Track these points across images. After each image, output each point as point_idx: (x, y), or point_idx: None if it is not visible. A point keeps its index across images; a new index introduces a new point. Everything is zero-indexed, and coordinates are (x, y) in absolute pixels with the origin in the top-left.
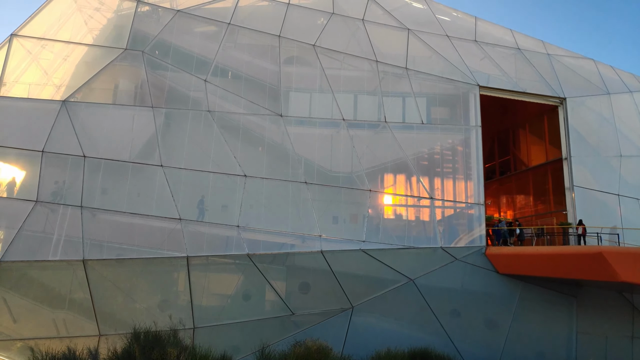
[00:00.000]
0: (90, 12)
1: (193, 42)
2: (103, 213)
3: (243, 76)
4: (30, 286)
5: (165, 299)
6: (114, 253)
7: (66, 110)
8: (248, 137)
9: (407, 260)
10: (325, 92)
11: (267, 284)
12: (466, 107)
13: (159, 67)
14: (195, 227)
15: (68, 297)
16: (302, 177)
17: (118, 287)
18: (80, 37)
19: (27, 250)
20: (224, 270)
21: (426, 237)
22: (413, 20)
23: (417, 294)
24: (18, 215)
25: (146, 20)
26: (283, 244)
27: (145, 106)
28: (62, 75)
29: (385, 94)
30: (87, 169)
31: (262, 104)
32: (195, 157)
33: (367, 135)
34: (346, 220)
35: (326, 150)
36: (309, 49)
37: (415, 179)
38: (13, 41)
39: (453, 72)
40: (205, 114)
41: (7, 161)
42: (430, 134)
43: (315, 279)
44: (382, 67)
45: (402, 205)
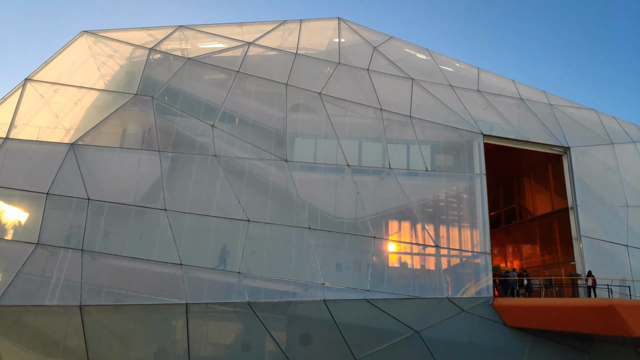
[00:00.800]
0: (104, 58)
1: (202, 88)
2: (104, 257)
3: (250, 122)
4: (24, 332)
5: (162, 348)
6: (112, 298)
7: (73, 153)
8: (253, 182)
9: (413, 311)
10: (330, 139)
11: (268, 334)
12: (470, 155)
13: (168, 112)
14: (196, 273)
15: (62, 343)
16: (305, 223)
17: (114, 335)
18: (93, 82)
19: (24, 294)
20: (223, 319)
21: (432, 287)
22: (417, 70)
23: (423, 347)
24: (18, 257)
25: (157, 67)
26: (285, 292)
27: (152, 150)
28: (72, 118)
29: (390, 141)
30: (91, 211)
31: (268, 149)
32: (200, 201)
33: (372, 181)
34: (350, 268)
35: (330, 195)
36: (315, 97)
37: (420, 226)
38: (27, 85)
39: (457, 120)
40: (211, 158)
41: (11, 203)
42: (435, 181)
43: (317, 329)
44: (386, 115)
45: (407, 253)
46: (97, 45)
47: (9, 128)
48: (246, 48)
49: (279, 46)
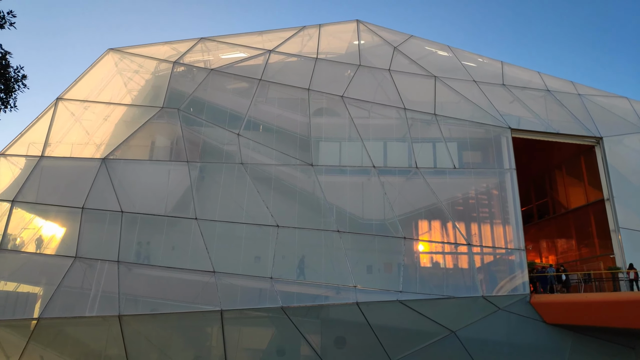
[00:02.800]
0: (130, 74)
1: (226, 98)
2: (138, 267)
3: (274, 128)
4: (66, 343)
5: (199, 355)
6: (149, 308)
7: (105, 168)
8: (280, 188)
9: (447, 311)
10: (354, 141)
11: (302, 338)
12: (499, 150)
13: (194, 123)
14: (229, 280)
15: (103, 353)
16: (334, 226)
17: (152, 343)
18: (120, 97)
19: (65, 306)
20: (257, 324)
21: (465, 286)
22: (439, 67)
23: (460, 347)
24: (58, 271)
25: (182, 80)
26: (317, 296)
27: (181, 161)
28: (102, 134)
29: (415, 140)
30: (125, 224)
31: (293, 155)
32: (229, 209)
33: (399, 181)
34: (381, 270)
35: (357, 198)
36: (338, 100)
37: (451, 224)
38: (58, 104)
39: (483, 116)
40: (238, 166)
41: (49, 218)
42: (464, 178)
43: (351, 332)
44: (410, 114)
45: (439, 252)
46: (122, 61)
47: (44, 146)
48: (267, 56)
49: (299, 52)
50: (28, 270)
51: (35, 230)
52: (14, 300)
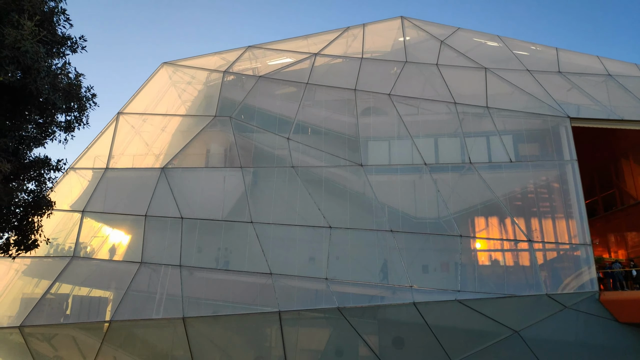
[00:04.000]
0: (183, 86)
1: (275, 103)
2: (199, 271)
3: (322, 131)
4: (136, 344)
5: (260, 355)
6: (210, 310)
7: (165, 176)
8: (331, 189)
9: (509, 310)
10: (404, 139)
11: (359, 338)
12: (558, 141)
13: (246, 129)
14: (285, 281)
15: (170, 354)
16: (387, 226)
17: (214, 344)
18: (175, 109)
19: (133, 309)
20: (314, 325)
21: (527, 284)
22: (489, 58)
23: (524, 348)
24: (125, 276)
25: (232, 88)
26: (373, 297)
27: (235, 167)
28: (160, 144)
29: (468, 135)
30: (185, 229)
31: (342, 156)
32: (282, 212)
33: (452, 178)
34: (437, 269)
35: (410, 196)
36: (385, 99)
37: (510, 220)
38: (119, 118)
39: (539, 106)
40: (289, 169)
41: (115, 226)
42: (521, 172)
43: (409, 332)
44: (461, 108)
45: (498, 250)
46: (176, 74)
47: (108, 159)
48: (313, 59)
49: (344, 53)
50: (99, 276)
51: (104, 238)
52: (87, 304)
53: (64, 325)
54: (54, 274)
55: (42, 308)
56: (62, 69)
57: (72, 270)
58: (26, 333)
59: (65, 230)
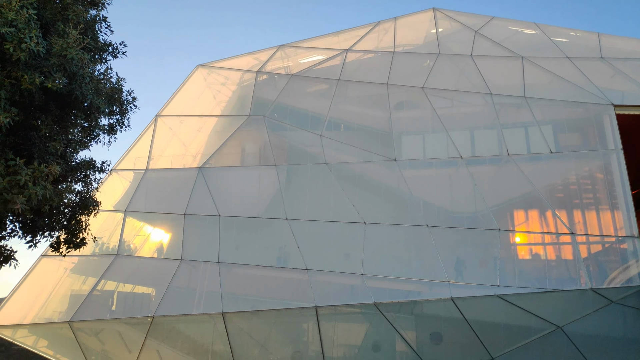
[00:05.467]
0: (218, 87)
1: (307, 101)
2: (237, 267)
3: (355, 127)
4: (178, 338)
5: (297, 350)
6: (249, 305)
7: (202, 176)
8: (365, 185)
9: (551, 305)
10: (438, 132)
11: (397, 333)
12: (601, 129)
13: (279, 128)
14: (322, 277)
15: (211, 348)
16: (422, 221)
17: (254, 339)
18: (211, 109)
19: (175, 305)
20: (351, 320)
21: (570, 278)
22: (526, 47)
23: (568, 344)
24: (167, 273)
25: (265, 88)
26: (409, 292)
27: (269, 165)
28: (197, 145)
29: (505, 126)
30: (222, 227)
31: (375, 151)
32: (316, 208)
33: (489, 171)
34: (475, 264)
35: (445, 190)
36: (418, 92)
37: (551, 213)
38: (157, 121)
39: (580, 94)
40: (322, 166)
41: (156, 225)
42: (562, 162)
43: (447, 328)
44: (497, 99)
45: (539, 243)
46: (210, 75)
47: (148, 160)
48: (344, 55)
49: (375, 48)
50: (142, 273)
51: (145, 237)
52: (131, 300)
53: (110, 320)
54: (99, 272)
55: (90, 304)
56: (105, 74)
57: (116, 268)
58: (75, 328)
59: (109, 229)
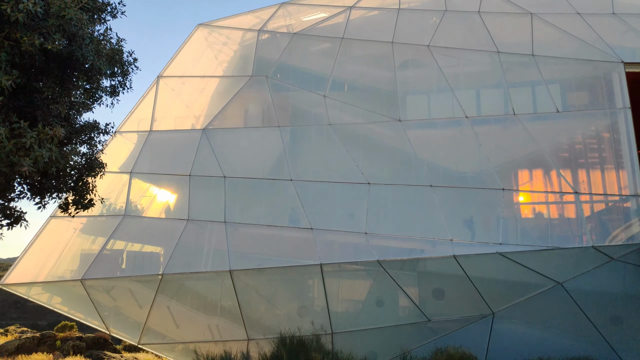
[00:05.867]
0: (219, 47)
1: (310, 61)
2: (243, 227)
3: (359, 87)
4: (187, 295)
5: (303, 305)
6: (255, 263)
7: (206, 137)
8: (369, 146)
9: (553, 263)
10: (444, 92)
11: (400, 290)
12: (609, 88)
13: (282, 88)
14: (326, 236)
15: (219, 304)
16: (426, 181)
17: (261, 295)
18: (212, 70)
19: (183, 263)
20: (355, 277)
21: (573, 236)
22: (535, 3)
23: (568, 299)
24: (174, 232)
25: (267, 47)
26: (412, 250)
27: (273, 126)
28: (200, 106)
29: (512, 85)
30: (227, 188)
31: (380, 111)
32: (321, 169)
33: (494, 130)
34: (478, 223)
35: (450, 150)
36: (424, 51)
37: (555, 172)
38: (159, 82)
39: (589, 51)
40: (326, 127)
41: (162, 186)
42: (568, 122)
43: (449, 284)
44: (504, 57)
45: (542, 202)
46: (211, 35)
47: (151, 122)
48: (348, 13)
49: (380, 5)
50: (150, 233)
51: (152, 198)
52: (141, 259)
53: (121, 278)
54: (108, 232)
55: (100, 263)
56: (105, 35)
57: (124, 228)
58: (87, 285)
59: (115, 190)
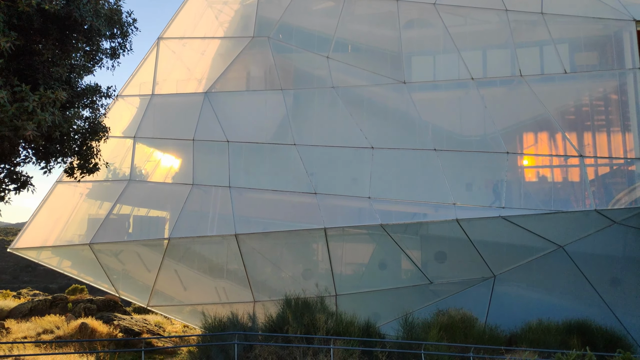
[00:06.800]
0: (219, 6)
1: (313, 20)
2: (248, 191)
3: (363, 47)
4: (194, 258)
5: (308, 268)
6: (260, 227)
7: (208, 101)
8: (373, 109)
9: (555, 226)
10: (449, 53)
11: (402, 253)
12: (619, 48)
13: (284, 50)
14: (329, 200)
15: (225, 267)
16: (430, 145)
17: (266, 258)
18: (213, 31)
19: (190, 227)
20: (358, 241)
21: (576, 200)
22: None
23: (569, 262)
24: (180, 197)
25: (268, 6)
26: (415, 214)
27: (275, 89)
28: (201, 69)
29: (519, 45)
30: (231, 152)
31: (384, 73)
32: (324, 134)
33: (500, 92)
34: (481, 187)
35: (455, 113)
36: (430, 9)
37: (561, 135)
38: (160, 44)
39: (600, 9)
40: (329, 90)
41: (166, 151)
42: (576, 83)
43: (451, 247)
44: (512, 15)
45: (546, 166)
46: None
47: (153, 85)
48: None
49: None
50: (155, 197)
51: (156, 162)
52: (147, 223)
53: (128, 242)
54: (114, 197)
55: (107, 227)
56: None
57: (130, 193)
58: (96, 249)
59: (120, 155)
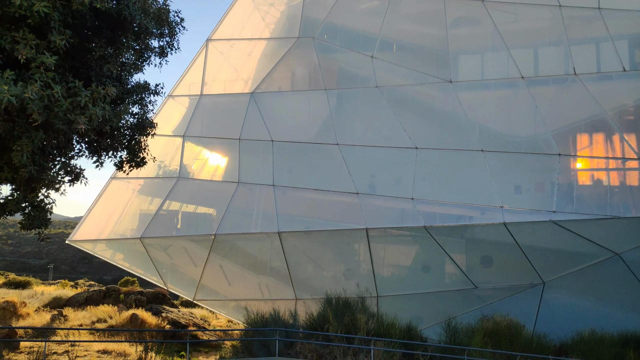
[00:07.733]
0: (266, 8)
1: (358, 20)
2: (291, 190)
3: (408, 46)
4: (238, 255)
5: (349, 268)
6: (303, 225)
7: (254, 101)
8: (417, 108)
9: (611, 232)
10: (498, 51)
11: (446, 256)
12: None
13: (329, 50)
14: (372, 201)
15: (268, 264)
16: (477, 145)
17: (308, 256)
18: (260, 32)
19: (235, 224)
20: (401, 242)
21: (634, 205)
22: None
23: (626, 270)
24: (225, 195)
25: (314, 7)
26: (461, 216)
27: (319, 89)
28: (248, 69)
29: (573, 42)
30: (276, 151)
31: (430, 72)
32: (367, 133)
33: (552, 92)
34: (531, 190)
35: (503, 113)
36: (478, 6)
37: (618, 137)
38: (209, 45)
39: None
40: (373, 89)
41: (214, 149)
42: (636, 82)
43: (498, 252)
44: (566, 11)
45: (602, 169)
46: None
47: (202, 85)
48: None
49: None
50: (202, 195)
51: (204, 161)
52: (195, 220)
53: (176, 237)
54: (164, 193)
55: (157, 222)
56: None
57: (179, 190)
58: (146, 243)
59: (170, 153)
